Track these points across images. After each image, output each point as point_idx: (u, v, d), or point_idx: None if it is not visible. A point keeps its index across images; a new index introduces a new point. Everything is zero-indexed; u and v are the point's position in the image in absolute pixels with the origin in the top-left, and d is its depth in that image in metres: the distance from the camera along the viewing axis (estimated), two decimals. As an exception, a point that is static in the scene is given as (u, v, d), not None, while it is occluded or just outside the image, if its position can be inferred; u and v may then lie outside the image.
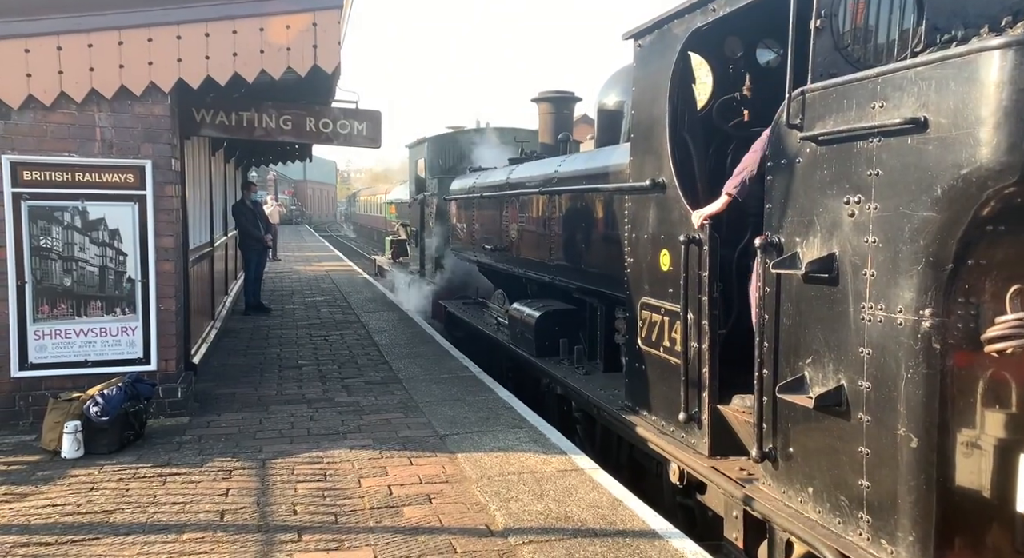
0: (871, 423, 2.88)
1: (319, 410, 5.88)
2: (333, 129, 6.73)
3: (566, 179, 6.47)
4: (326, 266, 19.39)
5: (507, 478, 4.39)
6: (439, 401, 6.12)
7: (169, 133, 5.49)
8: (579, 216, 6.18)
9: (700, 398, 4.05)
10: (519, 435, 5.21)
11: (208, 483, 4.33)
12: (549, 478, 4.39)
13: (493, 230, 8.47)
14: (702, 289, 3.97)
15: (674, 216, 4.28)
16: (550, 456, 4.77)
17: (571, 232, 6.35)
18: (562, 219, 6.53)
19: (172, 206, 5.59)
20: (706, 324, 3.96)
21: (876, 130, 2.81)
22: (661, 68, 4.40)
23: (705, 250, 3.95)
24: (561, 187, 6.52)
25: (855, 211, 2.92)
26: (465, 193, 9.64)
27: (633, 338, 4.77)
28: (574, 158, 6.82)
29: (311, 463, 4.66)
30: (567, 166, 6.61)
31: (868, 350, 2.87)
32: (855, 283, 2.93)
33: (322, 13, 5.26)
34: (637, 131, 4.71)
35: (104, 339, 5.46)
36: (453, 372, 7.19)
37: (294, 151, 10.88)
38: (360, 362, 7.68)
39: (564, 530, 3.70)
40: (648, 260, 4.58)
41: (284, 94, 6.64)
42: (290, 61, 5.32)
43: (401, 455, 4.82)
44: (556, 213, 6.63)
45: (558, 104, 9.02)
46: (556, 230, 6.63)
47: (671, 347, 4.30)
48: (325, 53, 5.33)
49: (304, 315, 10.94)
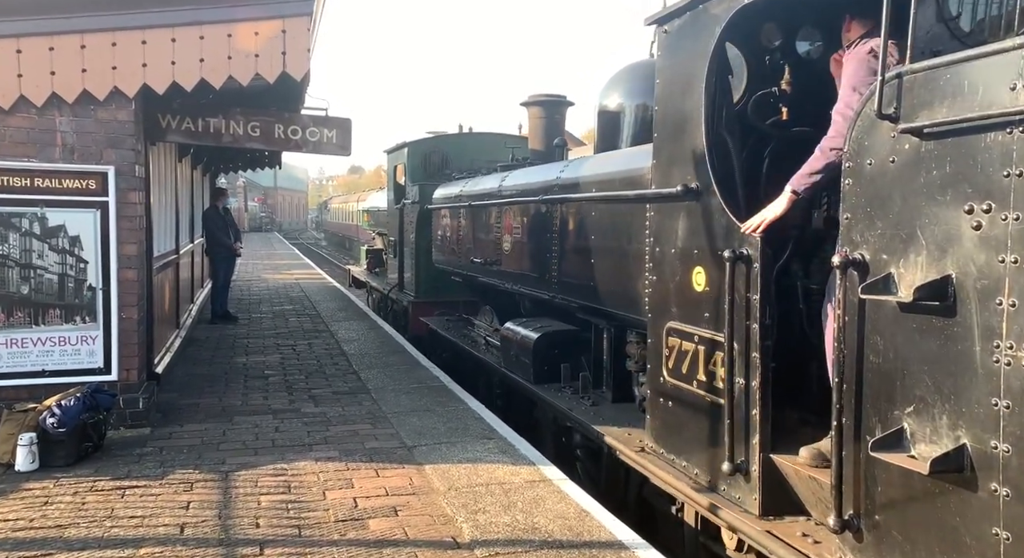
0: (1011, 499, 2.25)
1: (285, 421, 5.80)
2: (302, 136, 6.67)
3: (570, 186, 5.79)
4: (296, 274, 19.19)
5: (475, 489, 4.36)
6: (408, 411, 6.07)
7: (133, 139, 5.39)
8: (586, 227, 5.49)
9: (748, 445, 3.37)
10: (488, 446, 5.18)
11: (169, 496, 4.23)
12: (517, 489, 4.37)
13: (483, 241, 7.77)
14: (751, 315, 3.30)
15: (712, 227, 3.61)
16: (519, 467, 4.76)
17: (575, 245, 5.68)
18: (565, 230, 5.86)
19: (136, 213, 5.49)
20: (757, 357, 3.27)
21: (1017, 117, 2.20)
22: (695, 55, 3.74)
23: (756, 268, 3.29)
24: (564, 195, 5.82)
25: (982, 222, 2.32)
26: (451, 201, 8.97)
27: (657, 369, 4.07)
28: (579, 163, 6.07)
29: (275, 475, 4.59)
30: (571, 172, 5.91)
31: (1006, 402, 2.26)
32: (983, 315, 2.32)
33: (291, 20, 5.22)
34: (662, 130, 4.04)
35: (63, 348, 5.33)
36: (423, 382, 7.14)
37: (263, 158, 10.78)
38: (328, 372, 7.59)
39: (531, 542, 3.68)
40: (677, 278, 3.90)
41: (253, 100, 6.57)
42: (258, 68, 5.27)
43: (368, 467, 4.76)
44: (558, 223, 5.95)
45: (549, 108, 8.60)
46: (557, 242, 5.96)
47: (708, 382, 3.62)
48: (294, 60, 5.28)
49: (272, 324, 10.80)
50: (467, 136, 11.65)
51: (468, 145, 10.99)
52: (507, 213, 7.08)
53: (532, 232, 6.50)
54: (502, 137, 11.04)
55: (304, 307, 12.70)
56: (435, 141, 11.35)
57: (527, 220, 6.59)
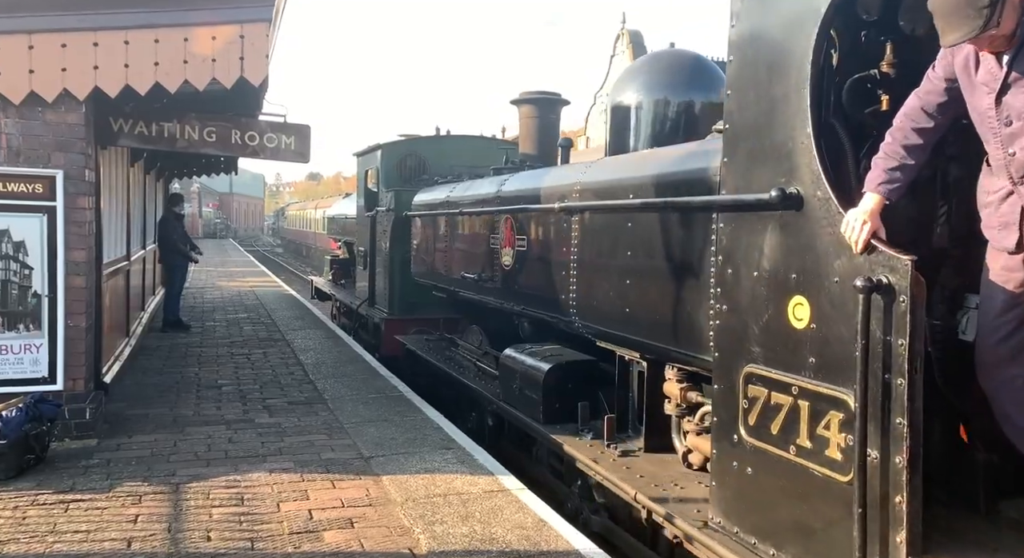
0: None
1: (238, 431, 5.69)
2: (260, 142, 6.59)
3: (596, 191, 4.80)
4: (251, 282, 18.85)
5: (433, 500, 4.34)
6: (365, 422, 6.00)
7: (83, 142, 5.26)
8: (618, 240, 4.51)
9: (890, 545, 2.50)
10: (447, 456, 5.16)
11: (116, 509, 4.11)
12: (475, 499, 4.36)
13: (475, 254, 6.82)
14: (894, 365, 2.48)
15: (822, 245, 2.77)
16: (477, 477, 4.75)
17: (602, 261, 4.71)
18: (588, 243, 4.88)
19: (85, 218, 5.34)
20: (903, 423, 2.45)
21: None
22: (797, 17, 2.92)
23: (903, 303, 2.44)
24: (589, 202, 4.85)
25: None
26: (435, 208, 8.01)
27: (729, 423, 3.19)
28: (606, 164, 5.06)
29: (228, 487, 4.49)
30: (596, 175, 4.96)
31: None
32: None
33: (250, 25, 5.16)
34: (740, 119, 3.19)
35: (4, 357, 5.15)
36: (381, 392, 7.08)
37: (219, 163, 10.60)
38: (283, 382, 7.47)
39: (488, 552, 3.68)
40: (762, 310, 3.02)
41: (209, 105, 6.47)
42: (215, 73, 5.20)
43: (324, 478, 4.70)
44: (578, 235, 4.97)
45: (543, 107, 7.82)
46: (577, 258, 4.97)
47: (818, 451, 2.75)
48: (253, 66, 5.22)
49: (226, 332, 10.59)
50: (447, 139, 10.71)
51: (448, 148, 10.18)
52: (508, 222, 6.14)
53: (543, 245, 5.55)
54: (485, 140, 10.35)
55: (259, 315, 12.48)
56: (411, 144, 10.48)
57: (536, 231, 5.65)
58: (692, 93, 5.09)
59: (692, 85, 5.10)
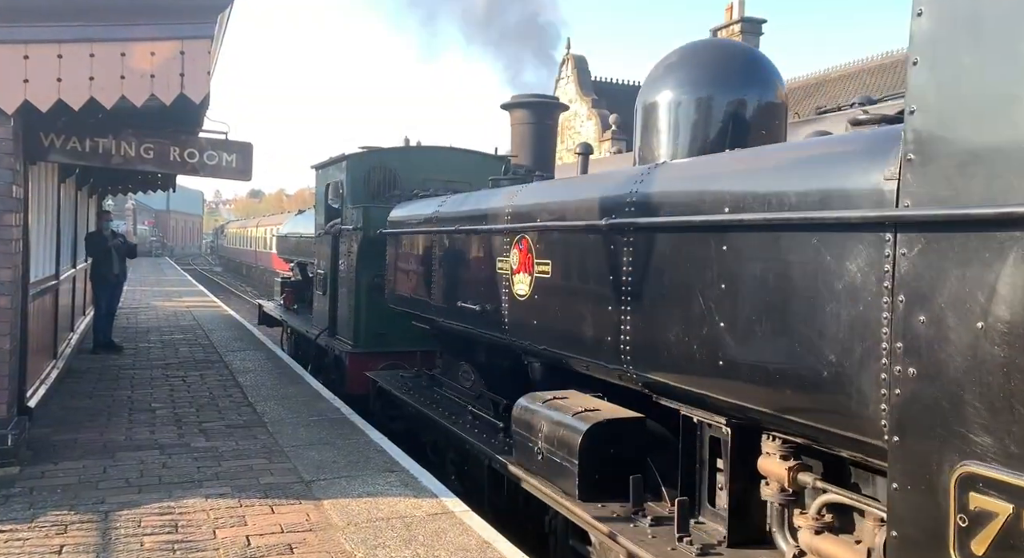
0: None
1: (173, 456, 5.50)
2: (200, 160, 6.46)
3: (669, 204, 3.61)
4: (188, 302, 18.32)
5: (375, 524, 4.28)
6: (306, 445, 5.89)
7: (11, 158, 5.07)
8: (704, 269, 3.30)
9: None
10: (390, 479, 5.10)
11: (39, 540, 3.93)
12: (419, 522, 4.32)
13: (476, 281, 5.69)
14: None
15: None
16: (421, 500, 4.71)
17: (676, 295, 3.49)
18: (650, 272, 3.74)
19: (11, 236, 5.13)
20: None
21: None
22: None
23: None
24: (656, 219, 3.66)
25: None
26: (417, 226, 6.92)
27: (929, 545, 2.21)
28: (682, 169, 3.86)
29: (161, 514, 4.34)
30: (665, 183, 3.75)
31: None
32: None
33: (191, 42, 5.08)
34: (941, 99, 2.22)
35: (-80, 382, 4.88)
36: (323, 414, 6.96)
37: (156, 180, 10.35)
38: (221, 405, 7.27)
39: (432, 575, 3.65)
40: (997, 381, 2.07)
41: (148, 121, 6.31)
42: (154, 89, 5.08)
43: (262, 503, 4.58)
44: (634, 260, 3.81)
45: (539, 112, 7.06)
46: (633, 290, 3.81)
47: None
48: (193, 82, 5.13)
49: (161, 354, 10.25)
50: (419, 150, 9.68)
51: (421, 161, 9.12)
52: (523, 243, 4.99)
53: (578, 271, 4.46)
54: (463, 152, 9.37)
55: (196, 336, 12.13)
56: (380, 155, 9.29)
57: (567, 253, 4.54)
58: (744, 90, 4.12)
59: (745, 81, 4.16)
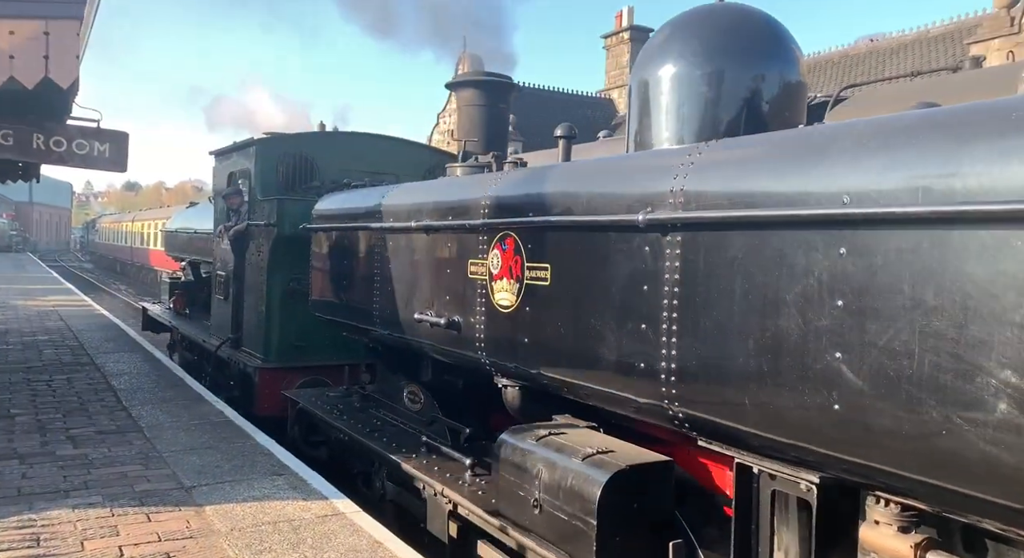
0: None
1: (35, 466, 5.11)
2: (68, 149, 6.05)
3: (752, 195, 2.69)
4: (54, 301, 17.00)
5: (261, 528, 4.16)
6: (187, 450, 5.63)
7: None
8: (800, 282, 2.50)
9: None
10: (277, 482, 4.96)
11: None
12: (307, 525, 4.23)
13: (439, 289, 4.71)
14: None
15: None
16: (310, 502, 4.61)
17: (747, 318, 2.68)
18: (714, 283, 2.83)
19: None
20: None
21: None
22: None
23: None
24: (726, 213, 2.76)
25: None
26: (353, 221, 5.86)
27: None
28: (756, 145, 2.94)
29: (20, 527, 4.03)
30: (734, 168, 2.87)
31: None
32: None
33: (57, 22, 4.75)
34: None
35: None
36: (205, 418, 6.66)
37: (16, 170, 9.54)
38: (92, 410, 6.81)
39: (320, 577, 3.59)
40: None
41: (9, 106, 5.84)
42: (14, 71, 4.71)
43: (137, 511, 4.35)
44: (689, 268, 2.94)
45: (491, 92, 6.19)
46: (685, 305, 2.95)
47: None
48: (60, 66, 4.80)
49: (21, 356, 9.47)
50: (341, 136, 8.76)
51: (343, 148, 8.23)
52: (509, 243, 4.05)
53: (597, 279, 3.43)
54: (391, 140, 8.60)
55: (64, 338, 11.29)
56: (295, 141, 8.24)
57: (580, 257, 3.56)
58: (764, 65, 3.38)
59: (764, 53, 3.41)
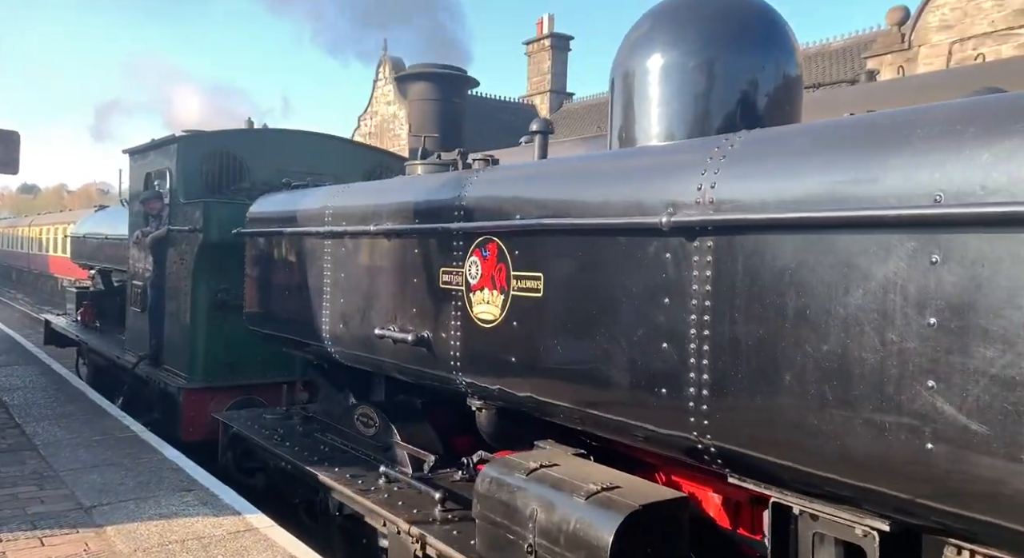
0: None
1: (-88, 491, 4.70)
2: (-48, 146, 5.59)
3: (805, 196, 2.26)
4: (-60, 312, 15.77)
5: (168, 547, 3.92)
6: (87, 467, 5.28)
7: None
8: (877, 297, 2.06)
9: None
10: (186, 499, 4.71)
11: None
12: (219, 542, 4.02)
13: (404, 301, 4.13)
14: None
15: None
16: (221, 518, 4.39)
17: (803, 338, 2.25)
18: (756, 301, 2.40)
19: None
20: None
21: None
22: None
23: None
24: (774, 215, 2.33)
25: None
26: (298, 225, 5.22)
27: None
28: (822, 137, 2.41)
29: None
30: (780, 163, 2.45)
31: None
32: None
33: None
34: None
35: None
36: (109, 433, 6.27)
37: None
38: (-20, 428, 6.32)
39: (232, 597, 3.41)
40: None
41: None
42: None
43: (29, 535, 4.03)
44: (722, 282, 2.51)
45: (444, 86, 5.66)
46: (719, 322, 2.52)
47: None
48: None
49: (-100, 373, 8.72)
50: (271, 134, 8.11)
51: (275, 147, 7.64)
52: (489, 249, 3.54)
53: (604, 291, 2.95)
54: (326, 138, 8.13)
55: (-51, 351, 10.48)
56: (222, 139, 7.66)
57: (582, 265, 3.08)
58: (761, 56, 3.14)
59: (763, 42, 3.16)
